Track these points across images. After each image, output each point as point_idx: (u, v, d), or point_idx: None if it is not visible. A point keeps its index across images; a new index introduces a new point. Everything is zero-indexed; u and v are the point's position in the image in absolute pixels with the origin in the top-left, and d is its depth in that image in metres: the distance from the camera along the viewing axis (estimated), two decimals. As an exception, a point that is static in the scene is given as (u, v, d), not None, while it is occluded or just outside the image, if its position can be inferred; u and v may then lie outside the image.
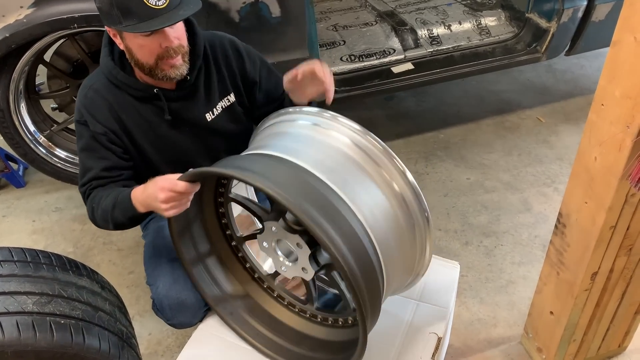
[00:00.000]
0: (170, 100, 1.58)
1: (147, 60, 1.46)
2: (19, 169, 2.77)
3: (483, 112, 3.17)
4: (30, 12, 1.97)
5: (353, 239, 1.15)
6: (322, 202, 1.15)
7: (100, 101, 1.54)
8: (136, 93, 1.55)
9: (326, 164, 1.23)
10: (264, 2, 2.15)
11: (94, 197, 1.55)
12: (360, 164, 1.25)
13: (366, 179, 1.24)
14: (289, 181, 1.17)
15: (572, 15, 2.63)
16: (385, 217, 1.24)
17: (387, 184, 1.25)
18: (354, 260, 1.13)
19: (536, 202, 2.53)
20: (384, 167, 1.25)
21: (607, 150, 1.28)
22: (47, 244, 2.41)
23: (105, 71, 1.55)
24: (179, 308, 1.55)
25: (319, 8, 3.18)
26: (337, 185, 1.19)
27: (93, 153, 1.56)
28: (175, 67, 1.48)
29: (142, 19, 1.38)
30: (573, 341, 1.69)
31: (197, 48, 1.57)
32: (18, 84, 2.27)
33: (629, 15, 1.14)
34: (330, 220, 1.12)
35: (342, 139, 1.27)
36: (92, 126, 1.54)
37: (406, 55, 2.76)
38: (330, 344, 1.45)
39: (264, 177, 1.14)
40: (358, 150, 1.25)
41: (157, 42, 1.43)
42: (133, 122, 1.58)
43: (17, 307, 1.11)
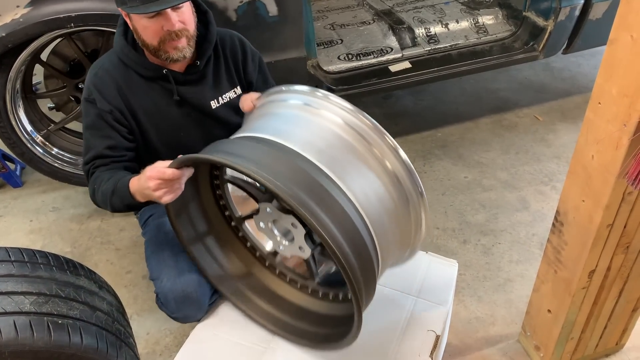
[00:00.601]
0: (178, 83, 1.64)
1: (150, 41, 1.53)
2: (16, 169, 2.76)
3: (481, 111, 3.17)
4: (26, 11, 1.97)
5: (344, 219, 1.16)
6: (311, 185, 1.16)
7: (109, 80, 1.60)
8: (146, 72, 1.61)
9: (316, 145, 1.23)
10: (261, 1, 2.14)
11: (96, 178, 1.57)
12: (352, 143, 1.24)
13: (357, 158, 1.24)
14: (277, 165, 1.17)
15: (569, 13, 2.64)
16: (377, 196, 1.24)
17: (379, 162, 1.24)
18: (345, 241, 1.14)
19: (534, 200, 2.53)
20: (376, 145, 1.24)
21: (604, 148, 1.29)
22: (44, 244, 2.40)
23: (117, 49, 1.61)
24: (184, 301, 1.55)
25: (317, 7, 3.18)
26: (328, 166, 1.20)
27: (98, 131, 1.60)
28: (178, 50, 1.54)
29: (144, 1, 1.44)
30: (571, 339, 1.69)
31: (210, 36, 1.64)
32: (15, 83, 2.26)
33: (626, 14, 1.14)
34: (320, 203, 1.13)
35: (333, 118, 1.26)
36: (100, 104, 1.58)
37: (404, 54, 2.76)
38: (332, 319, 1.46)
39: (251, 162, 1.15)
40: (349, 129, 1.25)
41: (159, 25, 1.49)
42: (139, 102, 1.63)
43: (14, 307, 1.11)
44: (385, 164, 1.24)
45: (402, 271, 1.64)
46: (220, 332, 1.52)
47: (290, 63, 2.33)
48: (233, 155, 1.20)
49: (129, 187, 1.43)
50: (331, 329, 1.43)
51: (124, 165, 1.62)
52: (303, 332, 1.47)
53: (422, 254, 1.72)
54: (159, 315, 2.03)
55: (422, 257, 1.71)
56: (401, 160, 1.25)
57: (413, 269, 1.66)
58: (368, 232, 1.22)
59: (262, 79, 1.80)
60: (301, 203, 1.10)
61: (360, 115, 1.25)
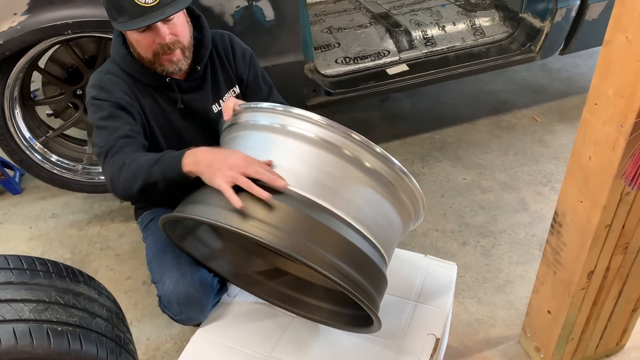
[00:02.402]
0: (182, 91, 1.65)
1: (145, 55, 1.54)
2: (15, 176, 2.76)
3: (479, 112, 3.18)
4: (23, 19, 1.97)
5: (340, 244, 1.18)
6: (297, 222, 1.16)
7: (119, 81, 1.58)
8: (149, 81, 1.62)
9: (294, 170, 1.22)
10: (258, 6, 2.15)
11: (122, 153, 1.44)
12: (325, 155, 1.23)
13: (338, 170, 1.23)
14: (271, 215, 1.16)
15: (566, 14, 2.64)
16: (366, 199, 1.25)
17: (356, 163, 1.23)
18: (348, 266, 1.17)
19: (533, 201, 2.53)
20: (346, 147, 1.22)
21: (601, 149, 1.29)
22: (44, 251, 2.40)
23: (118, 59, 1.60)
24: (187, 303, 1.56)
25: (313, 11, 3.19)
26: (308, 190, 1.20)
27: (117, 120, 1.52)
28: (173, 62, 1.55)
29: (132, 17, 1.44)
30: (571, 340, 1.69)
31: (205, 41, 1.64)
32: (13, 90, 2.27)
33: (620, 15, 1.14)
34: (311, 239, 1.15)
35: (301, 133, 1.24)
36: (116, 94, 1.54)
37: (401, 57, 2.77)
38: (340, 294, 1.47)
39: (242, 216, 1.15)
40: (319, 141, 1.23)
41: (150, 39, 1.50)
42: (148, 106, 1.64)
43: (13, 314, 1.11)
44: (362, 162, 1.23)
45: (401, 275, 1.64)
46: (221, 338, 1.52)
47: (288, 67, 2.33)
48: (214, 206, 1.20)
49: (186, 155, 1.31)
50: (355, 310, 1.44)
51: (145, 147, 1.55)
52: (330, 314, 1.49)
53: (421, 257, 1.72)
54: (159, 320, 2.03)
55: (421, 261, 1.71)
56: (374, 152, 1.24)
57: (412, 273, 1.67)
58: (369, 241, 1.24)
59: (253, 75, 1.79)
60: (293, 250, 1.12)
61: (324, 123, 1.23)
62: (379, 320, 1.28)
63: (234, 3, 2.12)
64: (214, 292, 1.61)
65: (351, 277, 1.18)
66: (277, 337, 1.50)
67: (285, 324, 1.54)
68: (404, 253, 1.74)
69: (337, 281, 1.15)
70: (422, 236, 2.36)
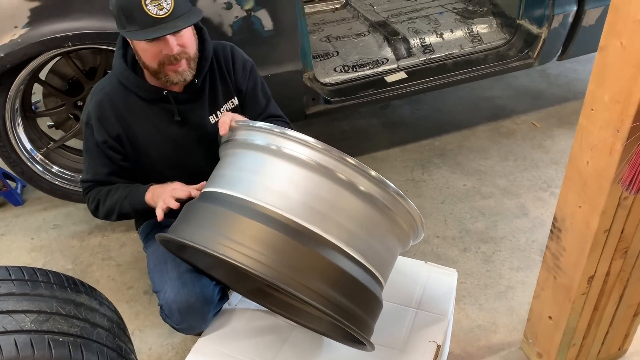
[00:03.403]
0: (178, 102, 1.65)
1: (150, 64, 1.54)
2: (17, 187, 2.78)
3: (478, 119, 3.19)
4: (24, 31, 1.99)
5: (331, 273, 1.17)
6: (288, 250, 1.15)
7: (109, 107, 1.63)
8: (145, 95, 1.63)
9: (286, 194, 1.21)
10: (257, 16, 2.17)
11: (98, 191, 1.68)
12: (319, 178, 1.21)
13: (330, 194, 1.21)
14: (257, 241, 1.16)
15: (563, 20, 2.66)
16: (361, 224, 1.24)
17: (353, 189, 1.22)
18: (338, 293, 1.17)
19: (533, 206, 2.53)
20: (343, 171, 1.21)
21: (599, 154, 1.30)
22: (46, 261, 2.41)
23: (117, 72, 1.63)
24: (188, 311, 1.56)
25: (312, 20, 3.20)
26: (301, 217, 1.18)
27: (95, 157, 1.68)
28: (178, 73, 1.56)
29: (142, 27, 1.45)
30: (573, 345, 1.69)
31: (206, 53, 1.65)
32: (14, 102, 2.28)
33: (615, 21, 1.15)
34: (301, 269, 1.14)
35: (295, 155, 1.22)
36: (97, 133, 1.63)
37: (399, 65, 2.78)
38: None
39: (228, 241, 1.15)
40: (313, 164, 1.21)
41: (158, 49, 1.50)
42: (140, 126, 1.66)
43: (15, 325, 1.11)
44: (356, 186, 1.22)
45: (401, 283, 1.64)
46: (223, 347, 1.52)
47: (287, 76, 2.35)
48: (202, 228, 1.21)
49: (144, 192, 1.57)
50: None
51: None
52: (330, 325, 1.49)
53: (421, 264, 1.73)
54: (161, 330, 2.03)
55: (421, 268, 1.71)
56: (369, 176, 1.22)
57: (412, 280, 1.67)
58: (360, 265, 1.23)
59: (252, 86, 1.79)
60: (276, 278, 1.12)
61: (319, 147, 1.22)
62: (371, 344, 1.25)
63: (233, 14, 2.13)
64: (215, 301, 1.61)
65: (339, 303, 1.17)
66: (278, 346, 1.50)
67: (286, 333, 1.54)
68: (404, 260, 1.74)
69: (323, 309, 1.14)
70: (423, 243, 2.36)
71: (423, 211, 2.53)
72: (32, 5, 1.97)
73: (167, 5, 1.45)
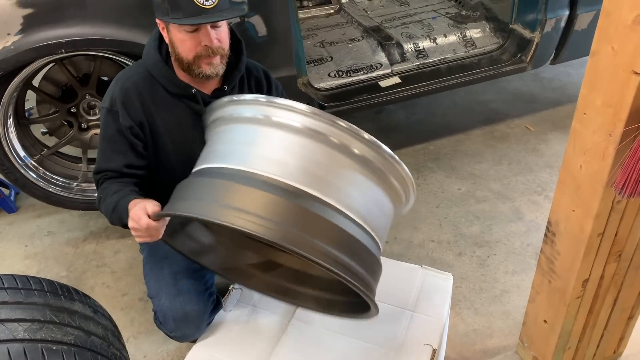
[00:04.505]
0: (205, 103, 1.64)
1: (186, 55, 1.55)
2: (11, 194, 2.76)
3: (472, 123, 3.20)
4: (17, 38, 1.99)
5: (336, 235, 1.18)
6: (290, 213, 1.16)
7: (134, 93, 1.61)
8: (174, 89, 1.63)
9: (284, 161, 1.22)
10: (250, 22, 2.17)
11: (105, 188, 1.61)
12: (314, 144, 1.22)
13: (326, 158, 1.22)
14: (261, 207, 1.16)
15: (555, 25, 2.68)
16: (358, 187, 1.25)
17: (344, 151, 1.23)
18: (343, 254, 1.17)
19: (527, 210, 2.54)
20: (333, 135, 1.22)
21: (592, 158, 1.30)
22: (40, 269, 2.39)
23: (149, 63, 1.62)
24: (183, 320, 1.56)
25: (306, 25, 3.21)
26: (299, 181, 1.19)
27: (115, 145, 1.63)
28: (212, 65, 1.57)
29: (188, 15, 1.47)
30: (568, 349, 1.69)
31: (240, 65, 1.68)
32: (7, 109, 2.27)
33: (606, 26, 1.16)
34: (305, 229, 1.15)
35: (287, 124, 1.23)
36: (122, 119, 1.60)
37: (393, 70, 2.79)
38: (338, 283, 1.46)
39: (231, 210, 1.15)
40: (307, 130, 1.22)
41: (198, 40, 1.52)
42: (162, 117, 1.65)
43: (8, 334, 1.11)
44: (350, 149, 1.23)
45: (397, 286, 1.65)
46: (217, 353, 1.52)
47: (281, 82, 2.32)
48: (201, 200, 1.20)
49: (128, 209, 1.45)
50: (352, 297, 1.43)
51: (135, 182, 1.64)
52: (327, 303, 1.50)
53: (417, 268, 1.73)
54: (156, 337, 2.02)
55: (417, 271, 1.72)
56: (362, 139, 1.23)
57: (408, 284, 1.67)
58: (361, 228, 1.24)
59: None
60: (286, 241, 1.12)
61: (309, 112, 1.23)
62: (375, 306, 1.27)
63: (227, 19, 2.14)
64: (210, 309, 1.61)
65: (346, 264, 1.18)
66: (272, 350, 1.50)
67: (280, 337, 1.54)
68: (400, 264, 1.74)
69: (333, 270, 1.14)
70: (418, 247, 2.36)
71: (418, 215, 2.53)
72: (26, 12, 1.96)
73: None
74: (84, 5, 2.00)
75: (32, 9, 1.96)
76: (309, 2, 3.45)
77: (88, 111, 2.47)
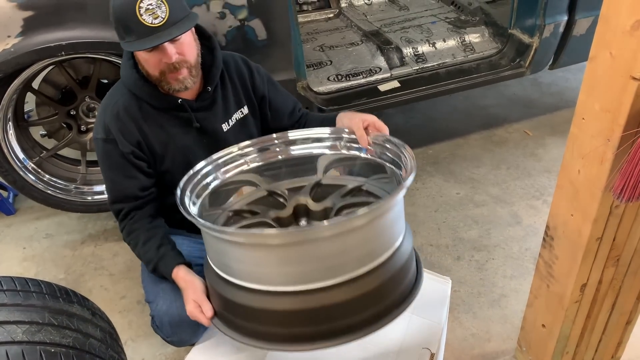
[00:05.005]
0: (192, 110, 1.64)
1: (152, 72, 1.54)
2: (9, 196, 2.76)
3: (471, 127, 3.21)
4: (17, 41, 1.99)
5: (366, 298, 1.21)
6: (310, 317, 1.18)
7: (127, 119, 1.60)
8: (159, 104, 1.61)
9: (268, 272, 1.20)
10: (250, 26, 2.18)
11: (133, 229, 1.61)
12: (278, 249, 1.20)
13: (297, 252, 1.19)
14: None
15: (554, 30, 2.68)
16: (357, 245, 1.23)
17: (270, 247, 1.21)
18: (377, 306, 1.22)
19: (526, 215, 2.54)
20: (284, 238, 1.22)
21: (590, 163, 1.30)
22: (38, 271, 2.39)
23: (129, 83, 1.60)
24: (179, 325, 1.55)
25: (305, 29, 3.22)
26: (307, 282, 1.18)
27: (123, 171, 1.61)
28: (179, 81, 1.55)
29: (139, 36, 1.45)
30: (566, 353, 1.69)
31: (217, 61, 1.65)
32: (6, 111, 2.28)
33: (604, 31, 1.17)
34: (333, 320, 1.20)
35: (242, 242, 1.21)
36: (122, 146, 1.58)
37: (392, 74, 2.79)
38: None
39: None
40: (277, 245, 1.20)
41: (157, 58, 1.50)
42: (154, 133, 1.64)
43: (6, 337, 1.11)
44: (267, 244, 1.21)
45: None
46: (216, 357, 1.51)
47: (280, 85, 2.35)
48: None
49: (172, 274, 1.51)
50: None
51: (153, 205, 1.66)
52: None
53: (415, 271, 1.73)
54: (153, 340, 2.02)
55: (415, 275, 1.71)
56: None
57: (406, 287, 1.67)
58: (382, 266, 1.24)
59: (274, 89, 1.81)
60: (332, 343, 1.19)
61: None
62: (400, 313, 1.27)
63: (227, 23, 2.14)
64: None
65: (378, 314, 1.21)
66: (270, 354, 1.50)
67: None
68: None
69: (367, 334, 1.20)
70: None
71: (416, 219, 2.53)
72: (26, 14, 1.96)
73: (162, 13, 1.44)
74: (84, 8, 2.00)
75: (33, 11, 1.97)
76: (309, 6, 3.46)
77: (87, 114, 2.47)
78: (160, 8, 1.44)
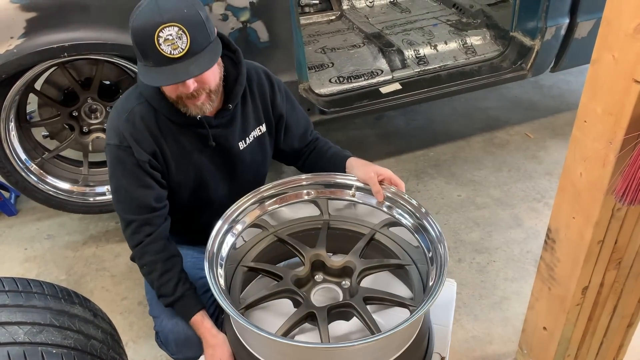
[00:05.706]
0: (211, 127, 1.56)
1: (169, 95, 1.47)
2: (11, 197, 2.76)
3: (472, 129, 3.21)
4: (20, 42, 1.99)
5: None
6: None
7: (143, 127, 1.51)
8: (179, 120, 1.53)
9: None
10: (252, 28, 2.18)
11: (147, 253, 1.53)
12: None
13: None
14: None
15: (555, 33, 2.69)
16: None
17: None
18: None
19: (527, 217, 2.54)
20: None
21: (592, 165, 1.30)
22: (39, 272, 2.39)
23: (147, 95, 1.52)
24: (185, 344, 1.54)
25: (307, 31, 3.22)
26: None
27: (137, 180, 1.52)
28: (197, 106, 1.47)
29: (156, 64, 1.36)
30: (567, 356, 1.69)
31: (241, 78, 1.57)
32: (9, 112, 2.28)
33: (606, 34, 1.17)
34: None
35: None
36: (137, 153, 1.50)
37: (394, 76, 2.80)
38: None
39: None
40: None
41: (174, 86, 1.42)
42: (169, 147, 1.56)
43: (8, 337, 1.11)
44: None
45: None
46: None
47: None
48: None
49: (191, 320, 1.50)
50: None
51: (167, 225, 1.57)
52: None
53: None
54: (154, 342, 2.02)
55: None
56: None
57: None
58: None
59: (291, 108, 1.74)
60: None
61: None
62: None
63: (229, 25, 2.15)
64: None
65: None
66: None
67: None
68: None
69: None
70: (418, 253, 2.36)
71: (418, 222, 2.53)
72: (29, 16, 1.97)
73: (183, 44, 1.33)
74: (86, 9, 2.00)
75: (35, 12, 1.97)
76: (311, 9, 3.46)
77: (89, 115, 2.47)
78: (181, 39, 1.33)
